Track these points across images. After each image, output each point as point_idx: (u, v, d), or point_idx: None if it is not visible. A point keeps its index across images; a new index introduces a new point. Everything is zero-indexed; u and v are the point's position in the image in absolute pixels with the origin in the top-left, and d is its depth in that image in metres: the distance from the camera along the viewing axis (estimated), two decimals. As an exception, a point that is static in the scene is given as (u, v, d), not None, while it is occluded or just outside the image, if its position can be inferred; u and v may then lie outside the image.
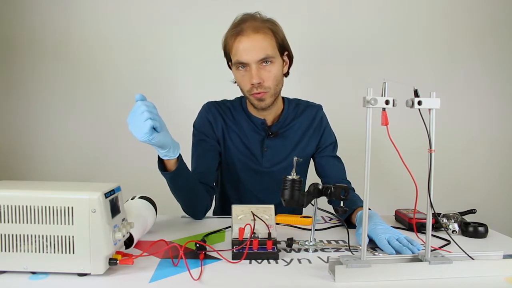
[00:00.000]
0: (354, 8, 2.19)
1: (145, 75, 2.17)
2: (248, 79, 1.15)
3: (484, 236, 1.05)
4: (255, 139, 1.29)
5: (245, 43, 1.12)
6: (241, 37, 1.13)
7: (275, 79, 1.17)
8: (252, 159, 1.30)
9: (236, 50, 1.14)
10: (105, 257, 0.73)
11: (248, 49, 1.12)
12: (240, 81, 1.19)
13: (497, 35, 2.25)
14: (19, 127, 2.17)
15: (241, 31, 1.13)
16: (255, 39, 1.12)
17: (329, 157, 1.35)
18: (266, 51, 1.13)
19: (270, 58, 1.14)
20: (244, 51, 1.12)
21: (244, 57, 1.13)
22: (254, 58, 1.12)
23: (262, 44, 1.12)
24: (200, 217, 1.22)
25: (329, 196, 0.90)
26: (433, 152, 0.75)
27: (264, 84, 1.15)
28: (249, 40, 1.12)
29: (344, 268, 0.74)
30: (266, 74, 1.15)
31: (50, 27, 2.12)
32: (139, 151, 2.19)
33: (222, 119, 1.30)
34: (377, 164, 1.51)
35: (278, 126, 1.30)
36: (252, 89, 1.16)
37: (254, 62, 1.13)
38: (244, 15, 1.18)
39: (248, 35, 1.12)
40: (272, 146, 1.29)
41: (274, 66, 1.16)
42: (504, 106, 2.29)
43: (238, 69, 1.17)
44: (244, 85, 1.18)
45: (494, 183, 2.32)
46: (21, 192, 0.73)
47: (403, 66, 2.21)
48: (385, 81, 0.72)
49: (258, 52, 1.12)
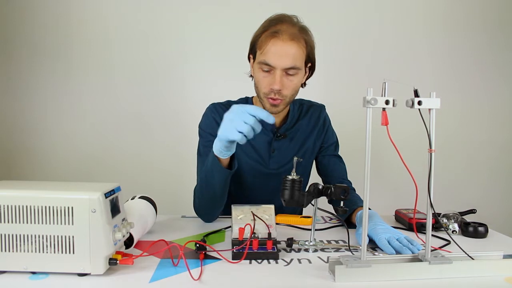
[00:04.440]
0: (354, 8, 2.19)
1: (145, 75, 2.17)
2: (269, 83, 1.14)
3: (484, 236, 1.06)
4: (262, 141, 1.29)
5: (278, 47, 1.10)
6: (276, 40, 1.11)
7: (294, 89, 1.17)
8: (259, 161, 1.29)
9: (267, 51, 1.12)
10: (105, 257, 0.73)
11: (280, 55, 1.10)
12: (260, 81, 1.17)
13: (497, 35, 2.25)
14: (19, 127, 2.17)
15: (278, 33, 1.11)
16: (289, 47, 1.10)
17: (331, 156, 1.35)
18: (295, 61, 1.12)
19: (296, 68, 1.13)
20: (275, 55, 1.11)
21: (273, 60, 1.11)
22: (282, 65, 1.11)
23: (294, 54, 1.11)
24: (211, 220, 1.20)
25: (329, 196, 0.90)
26: (433, 152, 0.75)
27: (282, 92, 1.15)
28: (283, 46, 1.10)
29: (344, 268, 0.74)
30: (287, 83, 1.14)
31: (51, 26, 2.12)
32: (139, 151, 2.20)
33: None
34: (377, 164, 1.51)
35: (285, 127, 1.30)
36: (270, 93, 1.15)
37: (280, 69, 1.12)
38: (282, 15, 1.16)
39: (284, 40, 1.10)
40: (280, 147, 1.29)
41: (297, 77, 1.16)
42: (504, 106, 2.29)
43: (261, 69, 1.15)
44: (264, 86, 1.16)
45: (494, 183, 2.32)
46: (21, 192, 0.73)
47: (403, 66, 2.21)
48: (385, 81, 0.72)
49: (287, 60, 1.11)
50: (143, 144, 2.20)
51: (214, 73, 2.17)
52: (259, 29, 1.17)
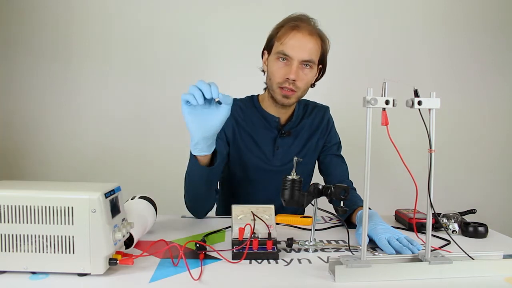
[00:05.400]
0: (354, 9, 2.19)
1: (145, 75, 2.17)
2: (284, 72, 1.18)
3: (484, 236, 1.06)
4: (267, 137, 1.30)
5: (297, 39, 1.16)
6: (296, 32, 1.16)
7: (307, 83, 1.22)
8: (262, 158, 1.30)
9: (287, 42, 1.17)
10: (105, 257, 0.73)
11: (299, 46, 1.16)
12: (275, 71, 1.20)
13: (497, 35, 2.25)
14: (19, 127, 2.17)
15: (298, 27, 1.17)
16: (308, 40, 1.17)
17: (333, 156, 1.36)
18: (312, 55, 1.18)
19: (311, 63, 1.19)
20: (294, 46, 1.16)
21: (291, 51, 1.16)
22: (300, 56, 1.16)
23: (311, 48, 1.17)
24: (202, 217, 1.22)
25: (329, 196, 0.90)
26: (433, 152, 0.75)
27: (297, 83, 1.18)
28: (303, 38, 1.16)
29: (344, 268, 0.74)
30: (302, 75, 1.19)
31: (50, 26, 2.12)
32: (139, 151, 2.20)
33: (232, 118, 1.29)
34: (377, 164, 1.51)
35: (290, 125, 1.31)
36: (284, 83, 1.18)
37: (297, 60, 1.16)
38: (302, 15, 1.22)
39: (303, 34, 1.16)
40: (284, 145, 1.30)
41: (311, 71, 1.21)
42: (504, 106, 2.29)
43: (278, 59, 1.19)
44: (279, 76, 1.19)
45: (494, 183, 2.32)
46: (21, 192, 0.73)
47: (403, 66, 2.21)
48: (385, 81, 0.72)
49: (306, 52, 1.16)
50: (143, 144, 2.20)
51: (215, 72, 2.17)
52: (279, 24, 1.23)
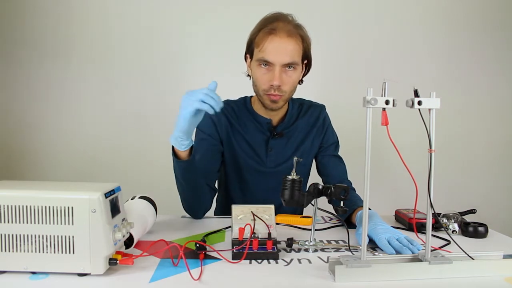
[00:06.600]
0: (354, 8, 2.19)
1: (146, 74, 2.17)
2: (268, 79, 1.16)
3: (484, 236, 1.06)
4: (259, 139, 1.30)
5: (276, 43, 1.12)
6: (273, 37, 1.13)
7: (292, 85, 1.19)
8: (256, 159, 1.30)
9: (265, 48, 1.14)
10: (105, 257, 0.73)
11: (278, 51, 1.12)
12: (258, 78, 1.18)
13: (497, 35, 2.25)
14: (19, 127, 2.17)
15: (275, 30, 1.13)
16: (287, 43, 1.13)
17: (331, 156, 1.36)
18: (293, 57, 1.14)
19: (294, 64, 1.15)
20: (273, 51, 1.13)
21: (271, 57, 1.13)
22: (281, 60, 1.13)
23: (292, 49, 1.13)
24: (199, 217, 1.22)
25: (329, 196, 0.90)
26: (433, 152, 0.75)
27: (282, 88, 1.16)
28: (281, 42, 1.12)
29: (344, 268, 0.74)
30: (286, 79, 1.16)
31: (51, 26, 2.12)
32: (139, 150, 2.20)
33: (226, 119, 1.29)
34: (377, 164, 1.51)
35: (283, 126, 1.30)
36: (269, 89, 1.17)
37: (279, 65, 1.13)
38: (277, 14, 1.18)
39: (281, 37, 1.12)
40: (277, 146, 1.30)
41: (295, 72, 1.18)
42: (504, 106, 2.29)
43: (259, 66, 1.17)
44: (263, 83, 1.17)
45: (494, 183, 2.32)
46: (21, 192, 0.73)
47: (403, 66, 2.21)
48: (385, 81, 0.72)
49: (286, 56, 1.13)
50: (143, 144, 2.20)
51: (214, 72, 2.16)
52: (255, 28, 1.19)
